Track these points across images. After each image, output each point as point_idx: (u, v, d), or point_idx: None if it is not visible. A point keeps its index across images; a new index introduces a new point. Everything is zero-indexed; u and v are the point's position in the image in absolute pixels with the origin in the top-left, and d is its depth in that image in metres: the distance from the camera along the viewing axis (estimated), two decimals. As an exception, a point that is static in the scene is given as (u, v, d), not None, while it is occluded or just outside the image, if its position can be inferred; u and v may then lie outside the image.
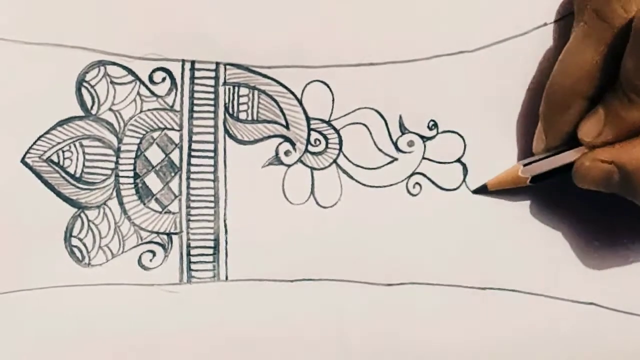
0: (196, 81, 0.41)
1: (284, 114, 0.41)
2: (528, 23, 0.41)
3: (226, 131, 0.41)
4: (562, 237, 0.42)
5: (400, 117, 0.41)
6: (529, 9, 0.41)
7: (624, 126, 0.37)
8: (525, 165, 0.40)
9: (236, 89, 0.41)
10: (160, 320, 0.40)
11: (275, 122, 0.41)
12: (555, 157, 0.39)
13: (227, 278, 0.40)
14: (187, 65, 0.40)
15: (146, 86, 0.40)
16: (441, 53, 0.41)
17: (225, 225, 0.41)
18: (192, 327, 0.40)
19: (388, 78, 0.41)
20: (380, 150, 0.41)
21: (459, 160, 0.42)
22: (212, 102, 0.41)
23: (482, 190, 0.42)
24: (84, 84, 0.40)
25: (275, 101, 0.41)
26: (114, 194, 0.40)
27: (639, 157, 0.36)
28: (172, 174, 0.40)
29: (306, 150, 0.41)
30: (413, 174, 0.42)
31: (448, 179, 0.42)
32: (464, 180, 0.42)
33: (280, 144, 0.41)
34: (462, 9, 0.41)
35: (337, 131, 0.41)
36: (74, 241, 0.40)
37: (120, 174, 0.40)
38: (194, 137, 0.41)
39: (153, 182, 0.40)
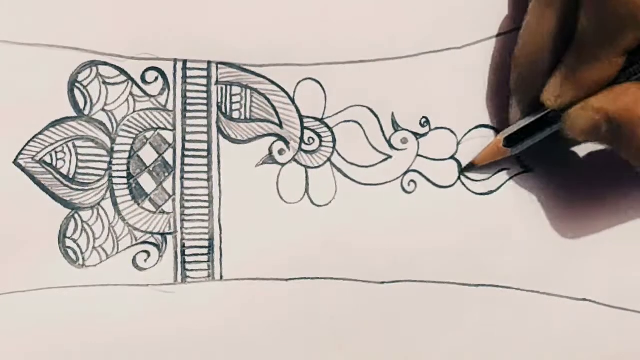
0: (188, 80, 0.40)
1: (276, 113, 0.41)
2: (514, 21, 0.42)
3: (219, 130, 0.41)
4: (555, 233, 0.42)
5: (393, 114, 0.41)
6: (514, 7, 0.42)
7: (579, 85, 0.37)
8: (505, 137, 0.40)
9: (228, 88, 0.41)
10: (155, 321, 0.40)
11: (268, 121, 0.41)
12: (526, 118, 0.39)
13: (222, 277, 0.40)
14: (179, 65, 0.40)
15: (139, 86, 0.40)
16: (429, 50, 0.42)
17: (220, 225, 0.40)
18: (187, 327, 0.40)
19: (379, 75, 0.41)
20: (374, 148, 0.41)
21: (452, 157, 0.42)
22: (204, 102, 0.41)
23: (470, 167, 0.42)
24: (77, 84, 0.40)
25: (268, 100, 0.41)
26: (108, 194, 0.40)
27: (627, 105, 0.36)
28: (166, 174, 0.40)
29: (300, 149, 0.41)
30: (408, 171, 0.42)
31: (443, 176, 0.42)
32: (458, 177, 0.42)
33: (273, 142, 0.41)
34: (449, 6, 0.42)
35: (330, 129, 0.41)
36: (68, 242, 0.39)
37: (114, 174, 0.40)
38: (187, 137, 0.40)
39: (147, 182, 0.40)
